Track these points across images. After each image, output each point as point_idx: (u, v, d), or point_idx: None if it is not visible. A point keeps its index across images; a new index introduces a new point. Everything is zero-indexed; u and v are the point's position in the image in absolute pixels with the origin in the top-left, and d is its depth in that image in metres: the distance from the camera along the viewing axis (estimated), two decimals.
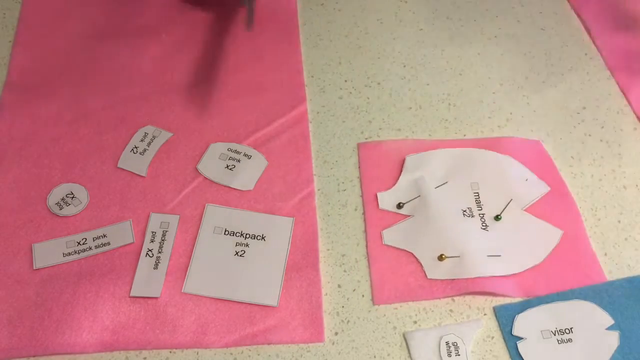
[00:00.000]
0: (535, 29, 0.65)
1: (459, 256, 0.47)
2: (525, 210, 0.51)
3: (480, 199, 0.51)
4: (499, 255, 0.48)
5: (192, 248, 0.48)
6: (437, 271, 0.47)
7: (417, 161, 0.53)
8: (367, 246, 0.49)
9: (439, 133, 0.56)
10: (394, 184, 0.52)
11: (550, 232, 0.50)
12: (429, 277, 0.47)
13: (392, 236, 0.49)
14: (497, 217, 0.50)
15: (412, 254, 0.48)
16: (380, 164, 0.53)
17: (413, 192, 0.51)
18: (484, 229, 0.49)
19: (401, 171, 0.53)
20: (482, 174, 0.53)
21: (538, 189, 0.52)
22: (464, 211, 0.50)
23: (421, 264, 0.48)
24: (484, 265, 0.47)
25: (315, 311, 0.46)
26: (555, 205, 0.51)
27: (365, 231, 0.50)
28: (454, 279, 0.47)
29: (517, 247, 0.49)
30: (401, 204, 0.50)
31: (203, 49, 0.61)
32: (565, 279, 0.47)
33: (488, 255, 0.48)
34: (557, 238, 0.49)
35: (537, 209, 0.51)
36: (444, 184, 0.52)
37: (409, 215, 0.50)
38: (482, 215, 0.50)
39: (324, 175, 0.53)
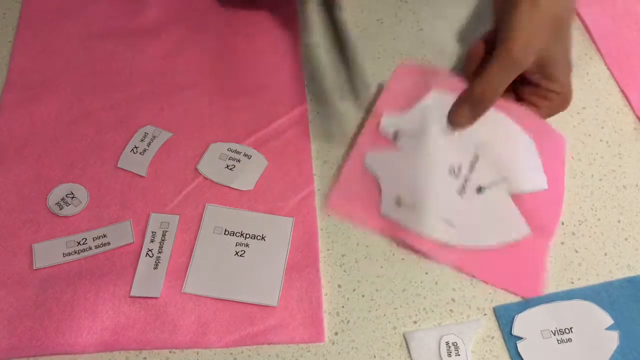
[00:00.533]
0: None
1: (414, 206, 0.47)
2: (511, 195, 0.49)
3: (476, 163, 0.49)
4: (453, 226, 0.47)
5: (192, 248, 0.48)
6: (390, 210, 0.47)
7: (439, 100, 0.50)
8: (348, 156, 0.50)
9: None
10: (405, 111, 0.51)
11: (518, 226, 0.48)
12: (381, 212, 0.48)
13: (373, 161, 0.49)
14: (480, 189, 0.48)
15: (380, 184, 0.48)
16: (406, 88, 0.52)
17: (416, 128, 0.49)
18: (459, 193, 0.48)
19: (418, 102, 0.51)
20: (494, 139, 0.50)
21: (537, 183, 0.50)
22: (452, 169, 0.48)
23: (381, 197, 0.48)
24: (433, 226, 0.47)
25: (315, 311, 0.46)
26: (541, 206, 0.50)
27: (355, 143, 0.50)
28: (400, 225, 0.47)
29: (477, 224, 0.48)
30: (397, 135, 0.49)
31: (203, 49, 0.61)
32: (503, 277, 0.47)
33: (443, 219, 0.47)
34: (520, 235, 0.48)
35: (521, 200, 0.49)
36: (450, 132, 0.50)
37: (399, 151, 0.49)
38: (466, 181, 0.48)
39: (324, 175, 0.53)
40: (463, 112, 0.48)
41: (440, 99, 0.51)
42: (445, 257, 0.47)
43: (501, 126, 0.51)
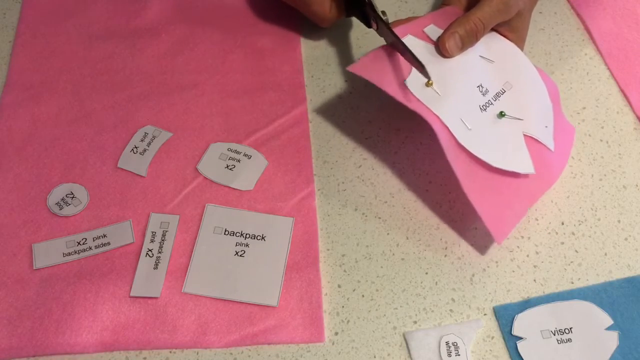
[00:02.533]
0: (535, 29, 0.65)
1: (440, 95, 0.47)
2: (524, 136, 0.50)
3: (502, 95, 0.50)
4: (468, 129, 0.47)
5: (192, 248, 0.48)
6: (415, 86, 0.48)
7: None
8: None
9: None
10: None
11: (524, 161, 0.49)
12: (406, 82, 0.48)
13: (412, 42, 0.50)
14: (501, 114, 0.49)
15: (412, 58, 0.48)
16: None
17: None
18: (481, 109, 0.49)
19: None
20: (522, 84, 0.51)
21: (547, 139, 0.51)
22: (481, 86, 0.50)
23: (411, 69, 0.48)
24: (451, 119, 0.47)
25: (315, 311, 0.46)
26: (542, 162, 0.50)
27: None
28: (420, 101, 0.47)
29: (489, 141, 0.48)
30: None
31: (203, 49, 0.61)
32: (486, 202, 0.47)
33: (460, 119, 0.47)
34: (522, 170, 0.48)
35: (529, 144, 0.50)
36: (489, 59, 0.51)
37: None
38: (490, 101, 0.49)
39: (324, 175, 0.53)
40: (453, 39, 0.50)
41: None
42: (449, 147, 0.46)
43: (530, 77, 0.53)
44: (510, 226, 0.48)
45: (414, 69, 0.48)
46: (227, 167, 0.53)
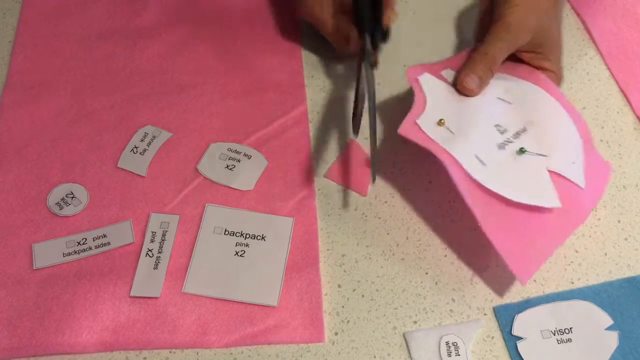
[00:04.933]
0: None
1: (454, 133, 0.46)
2: (549, 171, 0.47)
3: (522, 133, 0.48)
4: (484, 165, 0.46)
5: (192, 248, 0.48)
6: (428, 125, 0.47)
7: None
8: None
9: None
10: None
11: (549, 195, 0.46)
12: (418, 122, 0.47)
13: (426, 80, 0.50)
14: (521, 150, 0.47)
15: (426, 101, 0.48)
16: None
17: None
18: (499, 147, 0.47)
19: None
20: (547, 122, 0.50)
21: (576, 176, 0.48)
22: (499, 126, 0.48)
23: (424, 110, 0.48)
24: (464, 156, 0.46)
25: (315, 311, 0.46)
26: (572, 199, 0.47)
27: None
28: (433, 140, 0.46)
29: (509, 177, 0.46)
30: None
31: (203, 49, 0.61)
32: (506, 238, 0.45)
33: (475, 155, 0.46)
34: (548, 204, 0.46)
35: (555, 180, 0.47)
36: (508, 102, 0.50)
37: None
38: (510, 139, 0.48)
39: (324, 175, 0.53)
40: (469, 78, 0.50)
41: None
42: (462, 184, 0.45)
43: (556, 114, 0.51)
44: (535, 265, 0.46)
45: (427, 107, 0.48)
46: (227, 167, 0.53)
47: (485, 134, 0.48)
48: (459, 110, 0.49)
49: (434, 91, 0.50)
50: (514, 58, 0.53)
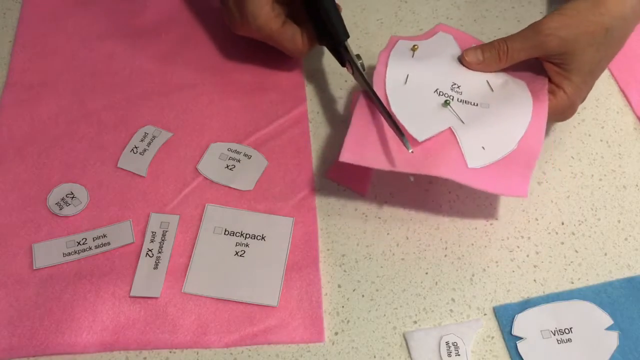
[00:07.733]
0: None
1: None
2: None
3: (467, 102, 0.49)
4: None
5: (192, 248, 0.48)
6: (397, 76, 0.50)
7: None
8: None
9: None
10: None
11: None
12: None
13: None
14: (446, 102, 0.48)
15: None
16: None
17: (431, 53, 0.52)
18: (439, 93, 0.50)
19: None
20: (501, 114, 0.49)
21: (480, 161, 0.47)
22: (455, 84, 0.50)
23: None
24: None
25: (315, 311, 0.46)
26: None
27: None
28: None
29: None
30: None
31: (203, 49, 0.61)
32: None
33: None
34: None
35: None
36: (489, 85, 0.51)
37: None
38: (451, 95, 0.49)
39: (324, 175, 0.53)
40: (476, 55, 0.50)
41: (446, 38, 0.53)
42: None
43: (514, 122, 0.49)
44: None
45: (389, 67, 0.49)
46: (227, 167, 0.53)
47: (436, 82, 0.49)
48: (434, 63, 0.51)
49: (399, 55, 0.51)
50: (540, 68, 0.51)
